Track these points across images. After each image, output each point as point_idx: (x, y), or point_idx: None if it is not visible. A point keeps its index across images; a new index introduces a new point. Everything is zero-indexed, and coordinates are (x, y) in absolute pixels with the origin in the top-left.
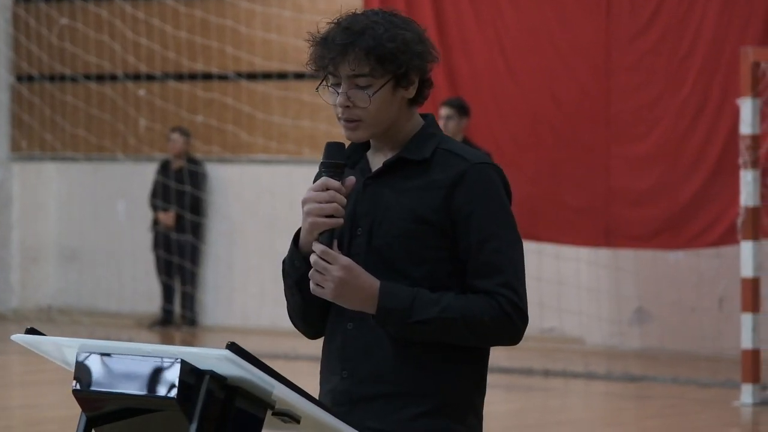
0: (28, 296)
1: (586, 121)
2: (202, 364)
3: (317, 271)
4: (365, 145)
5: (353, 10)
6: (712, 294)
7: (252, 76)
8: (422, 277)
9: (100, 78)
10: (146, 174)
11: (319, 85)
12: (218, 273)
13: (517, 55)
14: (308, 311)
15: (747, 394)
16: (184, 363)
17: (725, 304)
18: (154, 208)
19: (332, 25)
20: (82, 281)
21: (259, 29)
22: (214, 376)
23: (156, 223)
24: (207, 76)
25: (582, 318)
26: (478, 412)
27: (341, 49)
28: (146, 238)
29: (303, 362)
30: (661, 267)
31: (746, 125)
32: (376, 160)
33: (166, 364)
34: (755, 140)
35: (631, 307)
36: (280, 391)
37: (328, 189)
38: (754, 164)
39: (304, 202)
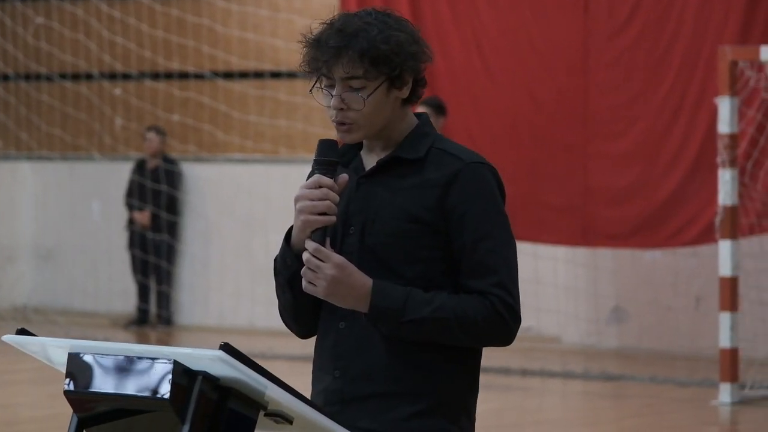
0: (3, 296)
1: (563, 120)
2: (194, 365)
3: (309, 269)
4: (358, 144)
5: (345, 11)
6: (688, 293)
7: (228, 75)
8: (415, 277)
9: (75, 77)
10: (122, 173)
11: (312, 87)
12: (194, 272)
13: (494, 53)
14: (300, 310)
15: (725, 393)
16: (176, 364)
17: (702, 303)
18: (130, 207)
19: (325, 26)
20: (58, 281)
21: (235, 28)
22: (206, 376)
23: (131, 222)
24: (183, 75)
25: (559, 317)
26: (471, 412)
27: (335, 51)
28: (122, 238)
29: (280, 361)
30: (639, 266)
31: (724, 124)
32: (370, 159)
33: (158, 365)
34: (733, 139)
35: (608, 306)
36: (272, 391)
37: (320, 186)
38: (732, 163)
39: (297, 199)
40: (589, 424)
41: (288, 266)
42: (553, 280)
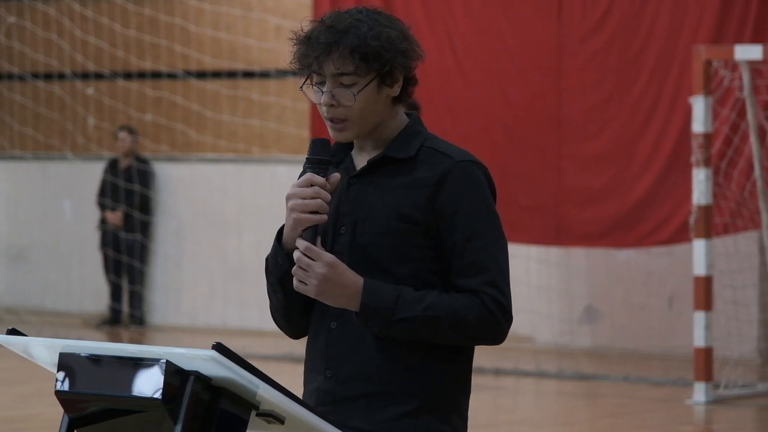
0: None
1: (537, 121)
2: (187, 365)
3: (300, 267)
4: (349, 144)
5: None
6: (661, 292)
7: (201, 75)
8: (407, 276)
9: (48, 77)
10: (94, 173)
11: (303, 83)
12: (167, 272)
13: (468, 55)
14: (291, 310)
15: (700, 392)
16: (169, 364)
17: (675, 302)
18: (102, 207)
19: (316, 23)
20: (30, 280)
21: (208, 28)
22: (199, 376)
23: (103, 222)
24: (156, 75)
25: (532, 316)
26: (463, 412)
27: (325, 47)
28: (94, 238)
29: (253, 361)
30: (612, 265)
31: (699, 124)
32: (361, 159)
33: (150, 365)
34: (707, 139)
35: (581, 305)
36: (264, 391)
37: (312, 185)
38: (707, 163)
39: (288, 198)
40: (563, 423)
41: (279, 265)
42: (527, 280)
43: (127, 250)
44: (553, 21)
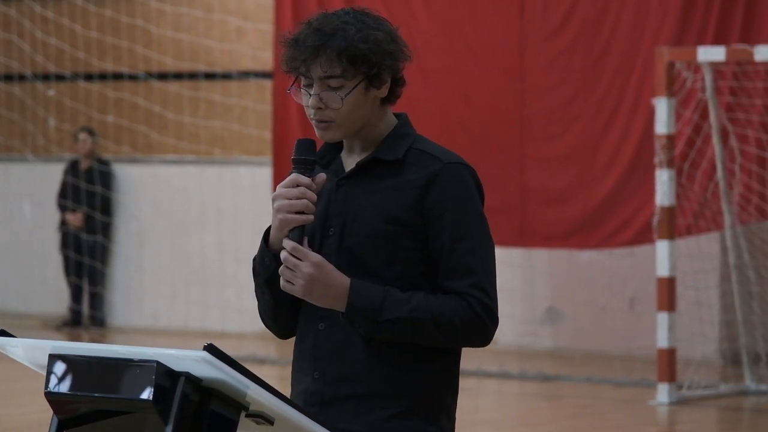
0: None
1: (499, 122)
2: (177, 366)
3: (287, 267)
4: (338, 146)
5: (323, 11)
6: (623, 293)
7: (162, 76)
8: (394, 278)
9: (8, 78)
10: (55, 174)
11: (291, 86)
12: (128, 274)
13: (429, 55)
14: (279, 310)
15: (663, 393)
16: (159, 365)
17: (636, 303)
18: (63, 208)
19: (303, 25)
20: None
21: (169, 29)
22: (189, 377)
23: (64, 223)
24: (117, 76)
25: None
26: (451, 412)
27: (313, 50)
28: (55, 239)
29: None
30: (574, 267)
31: (661, 125)
32: (350, 161)
33: (141, 366)
34: (670, 140)
35: (543, 306)
36: (254, 392)
37: (298, 185)
38: (670, 164)
39: (275, 198)
40: (526, 424)
41: (266, 266)
42: None
43: (88, 252)
44: (515, 21)
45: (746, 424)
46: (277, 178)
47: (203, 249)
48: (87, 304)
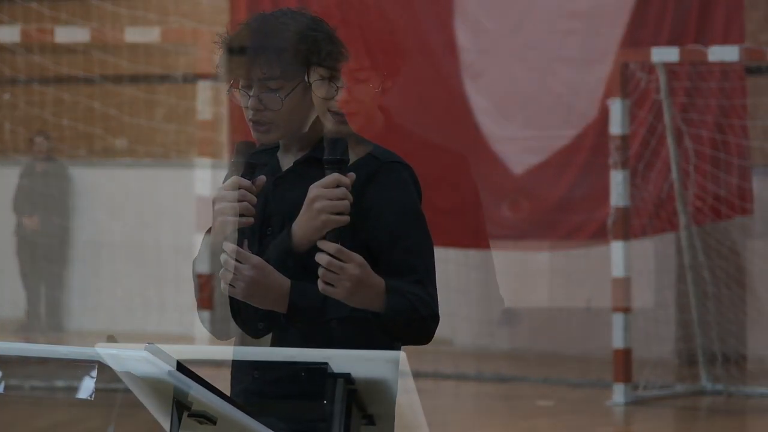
0: None
1: (452, 122)
2: (119, 366)
3: (228, 270)
4: (275, 145)
5: (261, 12)
6: (579, 294)
7: (118, 80)
8: None
9: None
10: (10, 178)
11: (229, 88)
12: (84, 277)
13: (382, 54)
14: (238, 311)
15: (619, 393)
16: (100, 365)
17: (593, 304)
18: (19, 212)
19: (241, 27)
20: None
21: (124, 32)
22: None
23: (20, 227)
24: (73, 80)
25: (451, 319)
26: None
27: (251, 52)
28: (11, 243)
29: None
30: (530, 267)
31: (616, 126)
32: (287, 160)
33: (82, 366)
34: (625, 141)
35: (500, 307)
36: (197, 392)
37: (239, 188)
38: (624, 164)
39: (215, 200)
40: (483, 425)
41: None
42: (445, 283)
43: (44, 255)
44: (471, 20)
45: (702, 423)
46: None
47: (160, 252)
48: (44, 307)
